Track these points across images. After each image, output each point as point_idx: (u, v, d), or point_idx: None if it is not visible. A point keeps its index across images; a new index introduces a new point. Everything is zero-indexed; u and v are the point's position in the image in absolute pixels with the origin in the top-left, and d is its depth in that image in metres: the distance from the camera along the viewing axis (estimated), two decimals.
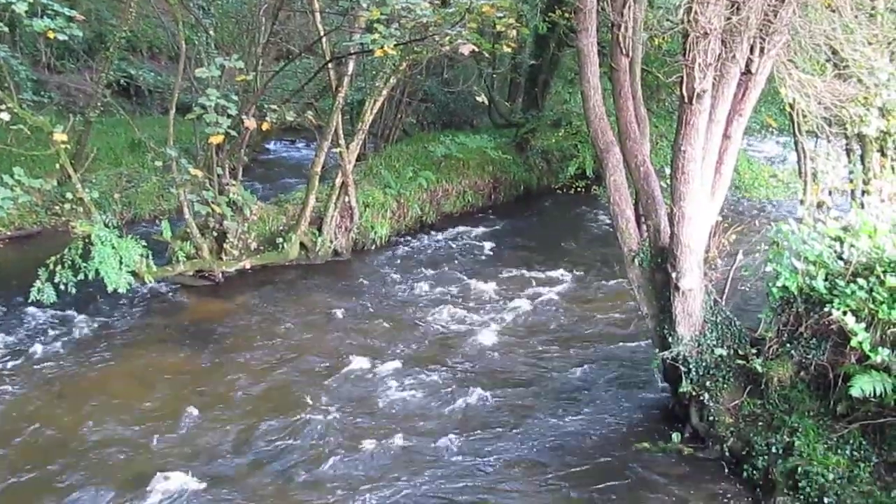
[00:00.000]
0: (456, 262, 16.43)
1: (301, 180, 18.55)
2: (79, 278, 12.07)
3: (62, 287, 12.00)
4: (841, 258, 8.59)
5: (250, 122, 12.86)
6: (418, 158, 19.64)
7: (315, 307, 13.77)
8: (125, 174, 18.94)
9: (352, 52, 14.94)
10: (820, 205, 12.04)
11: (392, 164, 19.23)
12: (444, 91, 24.76)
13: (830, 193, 12.68)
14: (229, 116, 12.25)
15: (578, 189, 19.19)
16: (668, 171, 9.29)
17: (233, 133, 12.96)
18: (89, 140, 17.48)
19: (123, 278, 12.19)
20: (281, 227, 15.64)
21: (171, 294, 14.05)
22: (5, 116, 10.74)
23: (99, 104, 17.21)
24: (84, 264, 12.02)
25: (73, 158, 13.89)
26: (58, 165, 12.86)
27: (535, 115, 22.37)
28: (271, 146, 26.20)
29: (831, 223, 8.95)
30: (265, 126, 13.45)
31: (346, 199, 16.03)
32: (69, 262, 12.06)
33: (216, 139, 12.23)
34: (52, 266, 12.03)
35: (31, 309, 12.58)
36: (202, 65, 14.88)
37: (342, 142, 15.50)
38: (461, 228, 18.59)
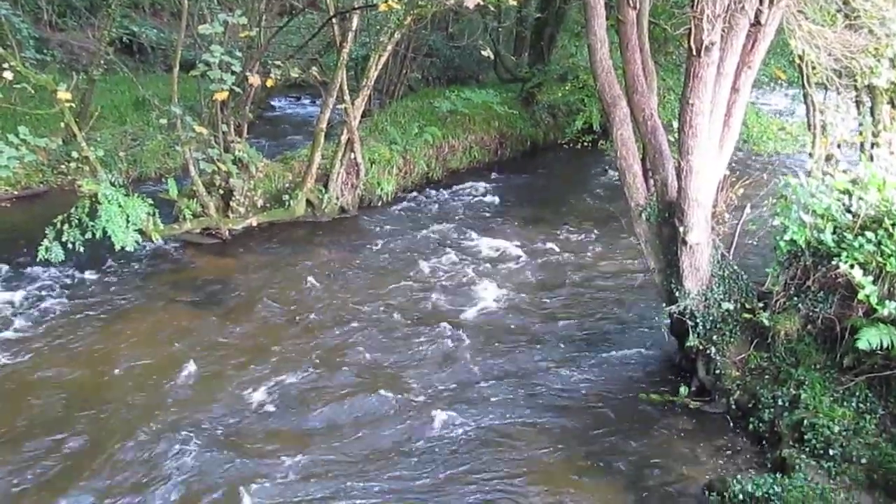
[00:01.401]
0: (462, 218, 16.41)
1: (307, 137, 18.47)
2: (86, 237, 12.10)
3: (70, 246, 12.03)
4: (849, 211, 8.56)
5: (254, 79, 12.77)
6: (424, 114, 19.51)
7: (322, 264, 13.79)
8: (130, 132, 18.88)
9: (356, 6, 14.77)
10: (829, 158, 11.96)
11: (397, 120, 19.11)
12: (449, 46, 24.55)
13: (839, 146, 12.58)
14: (233, 73, 12.17)
15: (585, 144, 19.07)
16: (675, 124, 9.23)
17: (237, 90, 12.89)
18: (93, 98, 17.37)
19: (130, 237, 12.21)
20: (287, 185, 15.60)
21: (178, 252, 14.07)
22: (8, 75, 10.69)
23: (102, 62, 17.07)
24: (91, 223, 12.03)
25: (77, 117, 13.83)
26: (62, 124, 12.81)
27: (541, 70, 22.17)
28: (276, 103, 26.03)
29: (840, 176, 8.90)
30: (269, 82, 13.38)
31: (352, 156, 15.97)
32: (76, 221, 12.07)
33: (220, 96, 12.18)
34: (59, 225, 12.05)
35: (39, 268, 12.61)
36: (205, 21, 14.78)
37: (347, 98, 15.39)
38: (467, 184, 18.54)
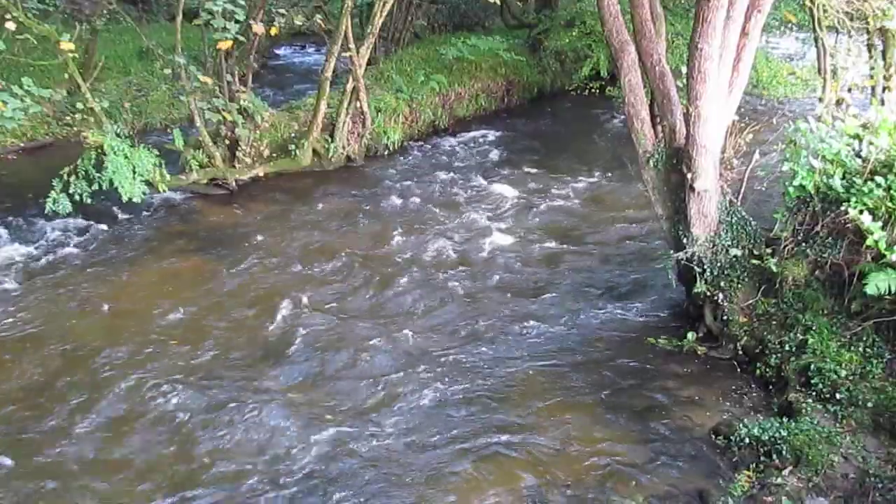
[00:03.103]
0: (469, 166, 16.35)
1: (312, 86, 18.34)
2: (93, 188, 12.13)
3: (77, 198, 12.06)
4: (859, 156, 8.49)
5: (259, 27, 12.66)
6: (430, 62, 19.33)
7: (329, 214, 13.80)
8: (134, 83, 18.79)
9: None
10: (839, 102, 11.84)
11: (403, 68, 18.95)
12: None
13: (850, 90, 12.48)
14: (237, 22, 12.05)
15: (593, 90, 18.91)
16: (684, 70, 9.12)
17: (241, 39, 12.78)
18: (97, 49, 17.26)
19: (137, 188, 12.23)
20: (293, 134, 15.54)
21: (185, 203, 14.09)
22: (11, 26, 10.61)
23: (105, 12, 16.88)
24: (98, 174, 12.05)
25: (81, 68, 13.76)
26: (66, 75, 12.74)
27: (548, 15, 21.87)
28: (280, 51, 25.83)
29: (850, 120, 8.81)
30: (274, 31, 13.26)
31: (358, 105, 15.87)
32: (83, 173, 12.08)
33: (224, 45, 12.08)
34: (66, 177, 12.06)
35: (47, 220, 12.67)
36: None
37: (352, 46, 15.23)
38: (474, 132, 18.43)
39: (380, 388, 8.98)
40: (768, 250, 9.00)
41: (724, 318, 9.31)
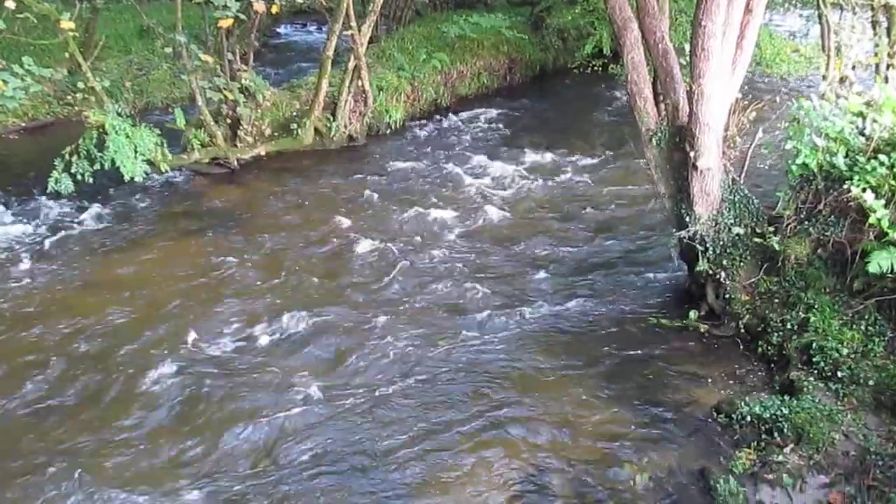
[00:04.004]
0: (471, 144, 16.31)
1: (313, 65, 18.26)
2: (95, 168, 12.13)
3: (79, 177, 12.06)
4: (862, 134, 8.45)
5: (259, 5, 12.56)
6: (431, 40, 19.25)
7: (330, 192, 13.79)
8: (135, 62, 18.74)
9: None
10: (843, 80, 11.76)
11: (405, 46, 18.88)
12: None
13: (854, 68, 12.39)
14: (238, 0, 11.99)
15: (595, 68, 18.80)
16: (687, 48, 9.07)
17: (242, 17, 12.71)
18: (97, 27, 17.19)
19: (139, 167, 12.23)
20: (295, 113, 15.51)
21: (186, 182, 14.10)
22: (10, 4, 10.54)
23: None
24: (99, 154, 12.04)
25: (81, 47, 13.71)
26: (67, 54, 12.74)
27: None
28: (282, 30, 25.73)
29: (854, 98, 8.77)
30: (275, 9, 13.18)
31: (360, 83, 15.81)
32: (84, 153, 12.08)
33: (225, 23, 12.02)
34: (67, 156, 12.07)
35: (49, 199, 12.69)
36: None
37: (354, 24, 15.16)
38: (476, 110, 18.38)
39: (370, 367, 9.02)
40: (771, 228, 8.98)
41: (726, 296, 9.31)
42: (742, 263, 9.17)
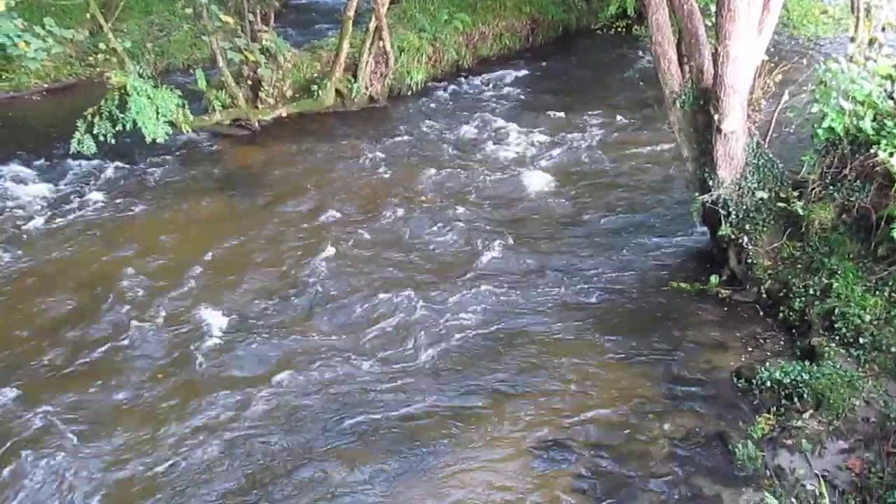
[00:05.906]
0: (493, 106, 16.18)
1: (334, 26, 18.13)
2: (117, 129, 12.17)
3: (101, 138, 12.11)
4: (891, 97, 8.32)
5: None
6: (453, 0, 19.03)
7: (352, 154, 13.77)
8: (156, 23, 18.66)
9: None
10: (872, 42, 11.53)
11: (426, 6, 18.64)
12: None
13: (884, 29, 12.13)
14: None
15: (619, 29, 18.57)
16: (713, 8, 8.93)
17: None
18: None
19: (161, 128, 12.25)
20: (315, 75, 15.44)
21: (208, 143, 14.13)
22: None
23: None
24: (121, 115, 12.08)
25: (102, 8, 13.65)
26: (88, 15, 12.71)
27: None
28: None
29: (883, 61, 8.62)
30: None
31: (381, 44, 15.69)
32: (107, 114, 12.12)
33: None
34: (90, 118, 12.11)
35: (72, 160, 12.77)
36: None
37: None
38: (498, 72, 18.16)
39: (391, 330, 9.14)
40: (795, 193, 8.90)
41: (749, 261, 9.25)
42: (765, 228, 9.10)
